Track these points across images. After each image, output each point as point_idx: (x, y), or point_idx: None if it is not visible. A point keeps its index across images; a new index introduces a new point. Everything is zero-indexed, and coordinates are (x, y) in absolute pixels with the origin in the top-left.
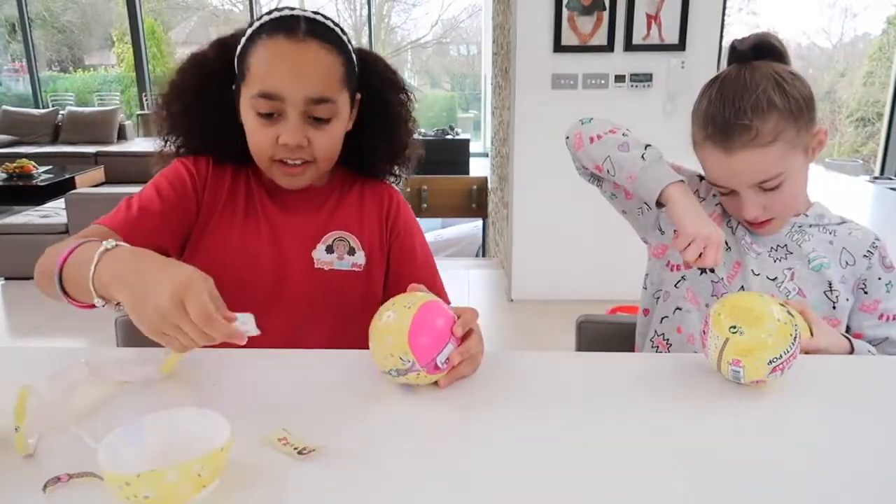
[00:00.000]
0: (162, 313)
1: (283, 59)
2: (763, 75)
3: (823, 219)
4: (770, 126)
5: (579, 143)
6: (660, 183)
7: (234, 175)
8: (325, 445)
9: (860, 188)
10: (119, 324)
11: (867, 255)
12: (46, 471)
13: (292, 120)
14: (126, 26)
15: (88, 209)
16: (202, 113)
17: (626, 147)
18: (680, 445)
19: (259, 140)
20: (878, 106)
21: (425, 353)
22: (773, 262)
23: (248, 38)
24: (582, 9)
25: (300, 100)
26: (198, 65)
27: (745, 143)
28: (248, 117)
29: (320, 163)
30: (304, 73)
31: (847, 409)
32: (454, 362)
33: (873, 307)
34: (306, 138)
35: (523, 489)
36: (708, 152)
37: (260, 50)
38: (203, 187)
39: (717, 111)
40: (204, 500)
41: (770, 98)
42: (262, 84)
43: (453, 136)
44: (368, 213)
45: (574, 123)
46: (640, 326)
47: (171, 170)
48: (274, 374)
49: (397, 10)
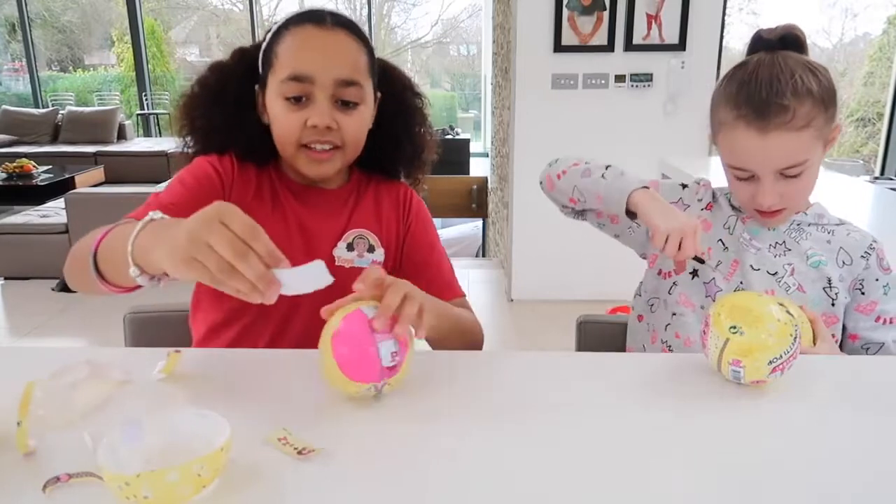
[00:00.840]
0: (192, 234)
1: (314, 42)
2: (796, 62)
3: (822, 219)
4: (805, 110)
5: (551, 185)
6: (623, 193)
7: (258, 172)
8: (324, 448)
9: (860, 188)
10: (127, 321)
11: (865, 255)
12: (46, 470)
13: (321, 102)
14: (126, 26)
15: (88, 209)
16: (223, 111)
17: (588, 173)
18: (680, 445)
19: (287, 125)
20: (878, 106)
21: (368, 373)
22: (773, 258)
23: (274, 32)
24: (582, 9)
25: (330, 81)
26: (218, 71)
27: (781, 125)
28: (275, 105)
29: (347, 149)
30: (334, 55)
31: (847, 409)
32: (399, 335)
33: (870, 308)
34: (335, 121)
35: (523, 489)
36: (739, 132)
37: (288, 39)
38: (231, 183)
39: (755, 91)
40: (204, 499)
41: (807, 84)
42: (293, 66)
43: (453, 136)
44: (386, 210)
45: (543, 168)
46: (631, 329)
47: (195, 166)
48: (274, 375)
49: (397, 10)
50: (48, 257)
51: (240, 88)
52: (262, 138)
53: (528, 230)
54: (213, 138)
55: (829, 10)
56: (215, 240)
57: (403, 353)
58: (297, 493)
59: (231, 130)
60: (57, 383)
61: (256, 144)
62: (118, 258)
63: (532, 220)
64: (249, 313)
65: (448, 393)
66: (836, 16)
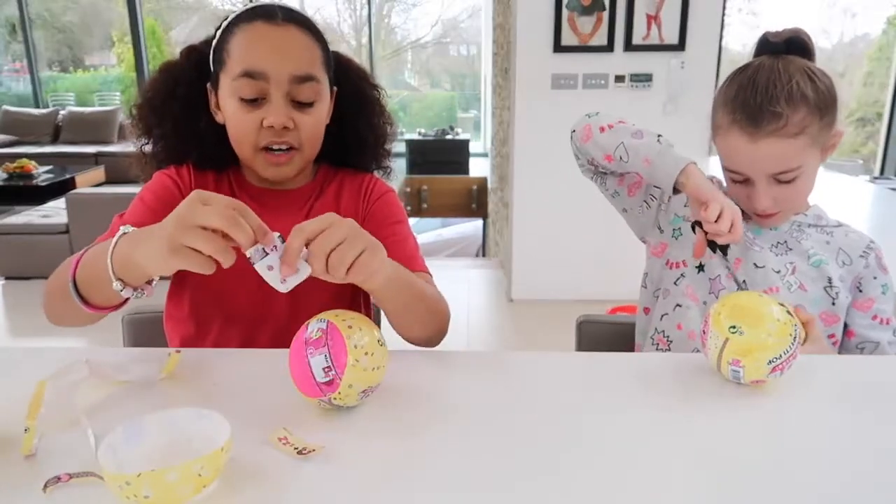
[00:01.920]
0: (179, 219)
1: (266, 38)
2: (797, 68)
3: (821, 220)
4: (798, 118)
5: (588, 135)
6: (678, 161)
7: (216, 180)
8: (324, 446)
9: (860, 188)
10: (126, 322)
11: (863, 255)
12: (46, 471)
13: (276, 101)
14: (126, 26)
15: (89, 209)
16: (176, 114)
17: (640, 135)
18: (680, 445)
19: (243, 126)
20: (877, 106)
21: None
22: (774, 256)
23: (224, 29)
24: (582, 9)
25: (285, 78)
26: (168, 71)
27: (773, 132)
28: (229, 105)
29: (305, 149)
30: (288, 51)
31: (847, 409)
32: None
33: (868, 305)
34: (291, 120)
35: (524, 488)
36: (733, 137)
37: (239, 35)
38: (189, 192)
39: (750, 97)
40: (204, 499)
41: (803, 91)
42: (245, 63)
43: (453, 136)
44: (346, 204)
45: (580, 118)
46: (639, 325)
47: (154, 182)
48: (274, 374)
49: (397, 10)
50: (49, 257)
51: (190, 87)
52: (218, 140)
53: (528, 230)
54: (169, 143)
55: (829, 10)
56: (204, 216)
57: (339, 367)
58: (297, 493)
59: (184, 133)
60: (58, 383)
61: (212, 148)
62: (99, 276)
63: (532, 220)
64: (216, 323)
65: (448, 393)
66: (835, 16)
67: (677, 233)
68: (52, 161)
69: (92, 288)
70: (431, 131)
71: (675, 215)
